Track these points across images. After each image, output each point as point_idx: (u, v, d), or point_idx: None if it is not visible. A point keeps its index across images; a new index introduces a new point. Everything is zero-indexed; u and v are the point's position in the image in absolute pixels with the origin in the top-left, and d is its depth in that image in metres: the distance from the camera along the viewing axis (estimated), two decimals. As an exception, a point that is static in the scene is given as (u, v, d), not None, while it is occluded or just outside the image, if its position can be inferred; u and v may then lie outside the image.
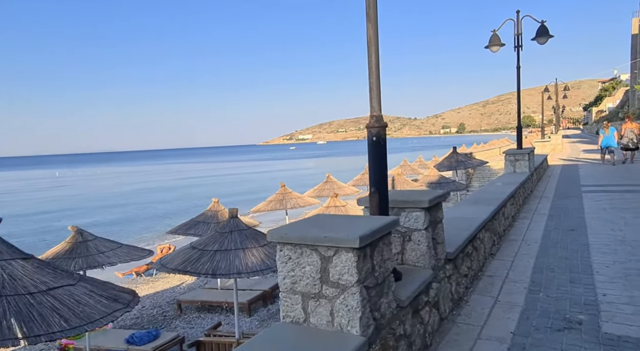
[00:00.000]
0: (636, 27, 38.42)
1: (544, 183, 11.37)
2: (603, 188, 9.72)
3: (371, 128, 2.87)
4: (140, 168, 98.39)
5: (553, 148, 24.37)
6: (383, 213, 2.92)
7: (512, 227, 6.47)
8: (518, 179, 8.36)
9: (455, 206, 5.65)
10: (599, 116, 64.93)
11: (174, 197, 35.16)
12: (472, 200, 6.14)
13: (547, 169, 14.51)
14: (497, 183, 8.04)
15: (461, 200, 5.99)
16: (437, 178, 11.80)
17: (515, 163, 9.77)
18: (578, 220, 6.58)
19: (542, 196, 9.11)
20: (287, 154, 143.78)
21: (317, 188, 13.60)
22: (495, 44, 10.34)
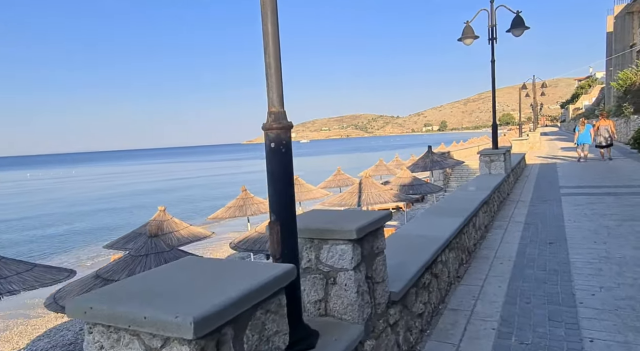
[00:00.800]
0: (611, 25, 38.76)
1: (521, 184, 10.75)
2: (583, 190, 9.13)
3: (268, 131, 1.99)
4: (117, 169, 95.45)
5: (531, 147, 24.07)
6: (288, 250, 2.05)
7: (485, 239, 5.71)
8: (493, 182, 7.65)
9: (417, 219, 4.87)
10: (576, 113, 65.97)
11: (136, 204, 32.91)
12: (438, 210, 5.35)
13: (524, 169, 13.97)
14: (469, 187, 7.30)
15: (425, 210, 5.18)
16: (409, 180, 11.06)
17: (491, 164, 9.09)
18: (557, 230, 5.87)
19: (518, 200, 8.44)
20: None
21: (284, 191, 12.70)
22: (469, 36, 9.63)
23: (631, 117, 21.81)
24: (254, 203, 10.44)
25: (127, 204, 32.60)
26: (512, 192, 9.50)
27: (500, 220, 6.82)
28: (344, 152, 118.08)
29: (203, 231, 8.47)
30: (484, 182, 7.92)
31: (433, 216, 4.96)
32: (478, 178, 8.57)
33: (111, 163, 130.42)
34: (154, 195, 37.64)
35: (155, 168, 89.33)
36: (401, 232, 4.22)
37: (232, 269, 1.71)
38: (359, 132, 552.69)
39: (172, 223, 8.10)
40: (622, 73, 25.64)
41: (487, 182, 7.85)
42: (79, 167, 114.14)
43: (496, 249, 5.18)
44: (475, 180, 8.45)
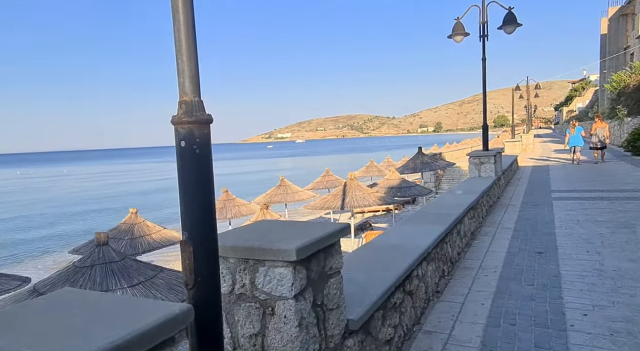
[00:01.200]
0: (605, 27, 38.74)
1: (512, 187, 10.40)
2: (575, 194, 8.78)
3: (178, 125, 1.56)
4: (109, 168, 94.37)
5: (524, 148, 23.83)
6: (204, 276, 1.62)
7: (471, 246, 5.32)
8: (481, 186, 7.27)
9: (396, 226, 4.47)
10: (570, 116, 66.14)
11: (125, 204, 31.90)
12: (420, 216, 4.95)
13: (516, 171, 13.64)
14: (457, 191, 6.91)
15: (407, 216, 4.76)
16: (398, 182, 10.67)
17: (481, 166, 8.71)
18: (548, 238, 5.49)
19: (509, 204, 8.07)
20: (262, 153, 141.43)
21: (268, 193, 12.26)
22: (459, 33, 9.26)
23: (625, 119, 21.61)
24: (235, 205, 10.00)
25: (116, 205, 31.97)
26: (502, 196, 9.14)
27: (488, 226, 6.44)
28: (338, 152, 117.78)
29: (178, 234, 8.00)
30: (473, 185, 7.54)
31: (414, 223, 4.55)
32: (467, 181, 8.19)
33: (104, 162, 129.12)
34: (142, 195, 37.01)
35: (147, 167, 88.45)
36: (376, 242, 3.81)
37: (109, 309, 1.28)
38: (355, 133, 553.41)
39: (143, 227, 7.63)
40: (616, 75, 25.48)
41: (476, 185, 7.48)
42: (70, 165, 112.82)
43: (482, 259, 4.79)
44: (463, 183, 8.07)
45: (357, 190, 8.39)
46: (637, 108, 21.40)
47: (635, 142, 16.27)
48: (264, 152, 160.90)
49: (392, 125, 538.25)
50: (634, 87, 22.08)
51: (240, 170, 61.86)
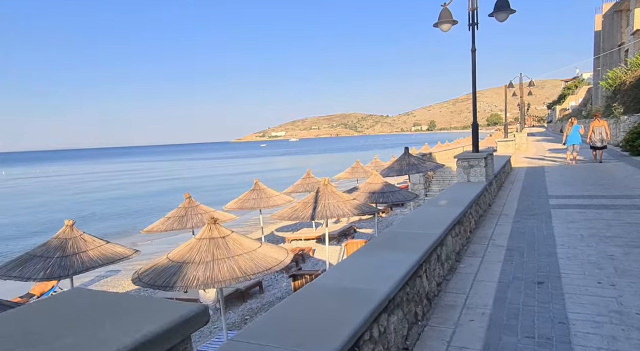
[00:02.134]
0: (599, 24, 38.08)
1: (505, 191, 9.47)
2: (575, 200, 7.85)
3: None
4: (95, 168, 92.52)
5: (518, 148, 22.98)
6: None
7: (455, 272, 4.34)
8: (470, 194, 6.30)
9: (357, 256, 3.46)
10: (563, 114, 65.79)
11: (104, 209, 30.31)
12: (389, 240, 3.93)
13: (509, 173, 12.73)
14: (440, 201, 5.93)
15: (372, 241, 3.75)
16: (380, 186, 9.70)
17: (470, 170, 7.75)
18: (548, 261, 4.53)
19: (501, 213, 7.12)
20: (253, 152, 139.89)
21: (241, 198, 11.23)
22: (446, 20, 8.27)
23: (621, 117, 20.83)
24: (197, 213, 8.96)
25: (97, 209, 30.69)
26: (494, 202, 8.20)
27: (477, 242, 5.47)
28: (331, 151, 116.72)
29: (123, 250, 6.94)
30: (460, 192, 6.57)
31: (378, 251, 3.54)
32: (454, 188, 7.22)
33: (92, 162, 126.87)
34: (120, 200, 35.70)
35: (136, 167, 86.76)
36: (317, 285, 2.79)
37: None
38: (349, 131, 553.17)
39: (79, 242, 6.55)
40: (611, 72, 24.72)
41: (464, 192, 6.51)
42: (58, 165, 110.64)
43: (467, 293, 3.81)
44: (449, 190, 7.09)
45: (330, 197, 7.37)
46: (634, 106, 20.63)
47: (634, 141, 15.46)
48: (256, 151, 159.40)
49: (386, 123, 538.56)
50: (630, 84, 21.30)
51: (227, 171, 60.49)
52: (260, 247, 5.30)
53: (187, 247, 5.01)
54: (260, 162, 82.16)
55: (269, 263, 4.95)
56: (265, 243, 5.57)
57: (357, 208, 7.31)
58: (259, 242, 5.42)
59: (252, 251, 5.07)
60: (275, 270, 5.00)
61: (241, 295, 8.52)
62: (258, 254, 5.06)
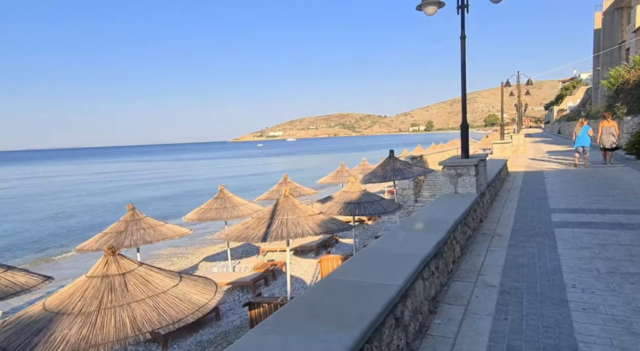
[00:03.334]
0: (599, 22, 36.95)
1: (500, 202, 8.21)
2: (583, 216, 6.58)
3: None
4: (86, 168, 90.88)
5: (515, 150, 21.76)
6: None
7: (424, 337, 3.06)
8: (455, 211, 5.03)
9: (255, 336, 2.20)
10: (560, 115, 64.78)
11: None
12: (313, 303, 2.61)
13: (505, 179, 11.47)
14: (416, 223, 4.65)
15: (282, 309, 2.36)
16: (358, 195, 8.38)
17: (458, 179, 6.47)
18: (556, 315, 3.26)
19: (494, 233, 5.84)
20: (247, 153, 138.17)
21: (203, 207, 9.92)
22: (431, 2, 6.99)
23: (624, 118, 19.62)
24: (141, 227, 7.64)
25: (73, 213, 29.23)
26: (487, 217, 6.93)
27: (462, 278, 4.19)
28: (327, 151, 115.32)
29: (26, 279, 5.62)
30: (444, 209, 5.30)
31: (293, 324, 2.24)
32: (437, 203, 5.93)
33: (83, 162, 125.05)
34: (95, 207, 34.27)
35: (125, 167, 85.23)
36: None
37: None
38: (347, 131, 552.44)
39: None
40: (614, 70, 23.52)
41: (448, 209, 5.24)
42: (48, 165, 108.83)
43: (438, 379, 2.52)
44: (432, 205, 5.80)
45: (290, 211, 6.06)
46: (638, 106, 19.43)
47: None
48: (252, 151, 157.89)
49: (384, 124, 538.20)
50: (634, 83, 20.11)
51: (211, 174, 58.74)
52: (177, 285, 4.02)
53: (70, 289, 3.73)
54: (247, 163, 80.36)
55: (180, 310, 3.68)
56: (188, 278, 4.28)
57: (321, 225, 5.97)
58: (177, 277, 4.14)
59: (162, 293, 3.80)
60: (190, 320, 3.74)
61: (191, 324, 7.26)
62: (169, 297, 3.79)
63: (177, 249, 15.91)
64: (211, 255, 14.22)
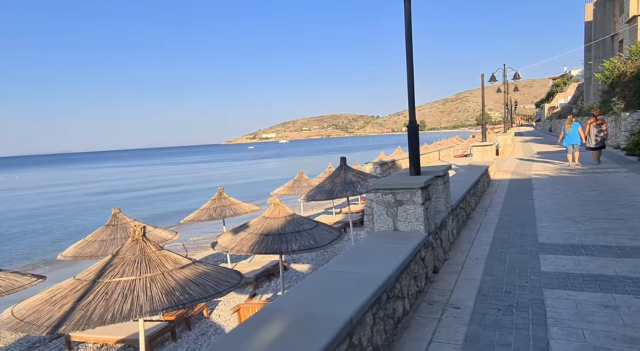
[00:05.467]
0: (590, 14, 35.14)
1: (471, 233, 6.00)
2: (587, 261, 4.36)
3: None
4: (66, 173, 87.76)
5: (502, 151, 19.66)
6: None
7: None
8: (377, 277, 2.78)
9: None
10: (551, 112, 63.21)
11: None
12: None
13: (485, 192, 9.28)
14: (278, 318, 2.36)
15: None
16: (281, 223, 6.04)
17: (398, 210, 4.22)
18: None
19: (447, 304, 3.60)
20: (238, 155, 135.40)
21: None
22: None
23: (622, 114, 17.59)
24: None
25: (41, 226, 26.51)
26: (447, 260, 4.71)
27: None
28: (315, 153, 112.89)
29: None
30: (363, 264, 3.03)
31: None
32: (356, 251, 3.67)
33: (66, 167, 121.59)
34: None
35: (112, 172, 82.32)
36: None
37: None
38: (340, 132, 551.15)
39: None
40: (608, 62, 21.54)
41: (371, 262, 2.98)
42: (26, 171, 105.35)
43: None
44: (345, 256, 3.53)
45: (131, 268, 3.78)
46: (636, 101, 17.42)
47: (644, 143, 12.15)
48: (242, 153, 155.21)
49: (377, 124, 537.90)
50: (632, 75, 18.09)
51: (193, 177, 56.05)
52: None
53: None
54: (234, 166, 77.83)
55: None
56: None
57: (171, 294, 3.62)
58: None
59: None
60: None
61: None
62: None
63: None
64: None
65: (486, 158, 11.71)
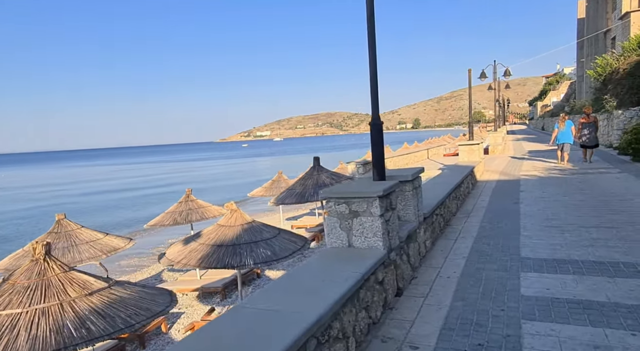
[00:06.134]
0: (582, 11, 34.70)
1: (447, 243, 5.38)
2: (575, 282, 3.73)
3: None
4: (56, 172, 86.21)
5: (493, 150, 19.12)
6: None
7: None
8: (299, 323, 2.11)
9: None
10: (544, 110, 63.03)
11: None
12: None
13: (469, 194, 8.65)
14: None
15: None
16: (237, 232, 5.31)
17: (353, 222, 3.56)
18: None
19: (404, 341, 2.95)
20: (230, 153, 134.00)
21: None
22: None
23: (614, 112, 17.10)
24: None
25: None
26: (416, 278, 4.07)
27: None
28: (308, 151, 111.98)
29: None
30: (303, 292, 2.36)
31: None
32: (300, 274, 3.01)
33: (54, 165, 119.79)
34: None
35: (99, 171, 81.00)
36: None
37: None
38: (334, 130, 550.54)
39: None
40: (601, 59, 21.05)
41: (311, 291, 2.32)
42: (11, 170, 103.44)
43: None
44: (285, 282, 2.87)
45: (17, 295, 3.05)
46: (629, 98, 16.92)
47: (638, 142, 11.63)
48: (234, 152, 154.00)
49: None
50: (625, 72, 17.59)
51: (179, 177, 54.75)
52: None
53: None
54: (214, 165, 76.44)
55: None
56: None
57: (61, 333, 2.79)
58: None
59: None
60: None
61: None
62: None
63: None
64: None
65: (473, 158, 11.11)
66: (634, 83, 16.79)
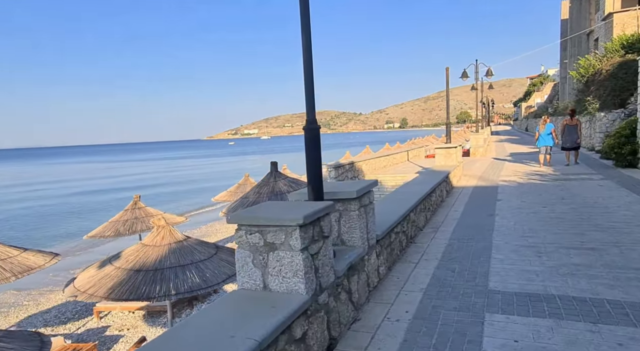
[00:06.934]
0: (566, 11, 34.57)
1: (407, 268, 4.62)
2: (548, 329, 2.99)
3: None
4: (35, 169, 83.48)
5: (474, 152, 18.57)
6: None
7: None
8: None
9: None
10: (528, 111, 63.35)
11: None
12: None
13: (442, 203, 7.93)
14: None
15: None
16: (164, 252, 4.50)
17: (268, 256, 2.75)
18: None
19: None
20: (213, 152, 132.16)
21: None
22: None
23: (597, 114, 16.68)
24: None
25: None
26: (359, 321, 3.28)
27: None
28: (293, 150, 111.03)
29: None
30: None
31: None
32: (192, 322, 2.21)
33: (34, 162, 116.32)
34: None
35: (74, 169, 78.71)
36: None
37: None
38: (322, 129, 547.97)
39: None
40: (583, 60, 20.69)
41: None
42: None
43: None
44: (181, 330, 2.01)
45: None
46: (612, 100, 16.51)
47: (621, 147, 11.11)
48: (219, 150, 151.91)
49: (359, 121, 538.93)
50: (607, 73, 17.19)
51: (163, 176, 53.33)
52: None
53: None
54: (194, 164, 74.96)
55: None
56: None
57: None
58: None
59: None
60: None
61: None
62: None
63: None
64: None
65: (449, 162, 10.42)
66: (616, 85, 16.39)
